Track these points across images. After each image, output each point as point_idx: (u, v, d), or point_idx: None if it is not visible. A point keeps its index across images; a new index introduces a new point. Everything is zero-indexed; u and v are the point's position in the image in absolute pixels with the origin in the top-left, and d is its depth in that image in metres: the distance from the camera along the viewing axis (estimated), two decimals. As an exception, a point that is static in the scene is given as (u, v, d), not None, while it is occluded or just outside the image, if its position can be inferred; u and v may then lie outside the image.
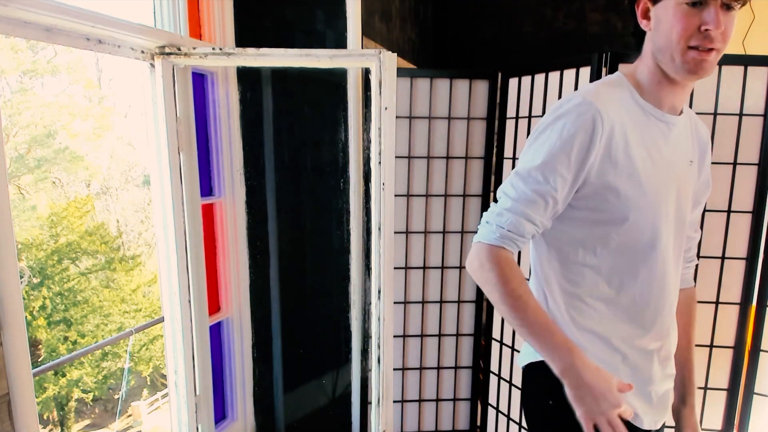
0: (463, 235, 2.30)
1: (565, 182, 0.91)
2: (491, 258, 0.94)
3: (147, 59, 1.49)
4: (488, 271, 0.94)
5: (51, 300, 11.45)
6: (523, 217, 0.93)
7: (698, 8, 0.86)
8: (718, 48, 0.88)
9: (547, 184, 0.91)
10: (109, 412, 12.81)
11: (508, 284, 0.92)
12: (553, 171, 0.91)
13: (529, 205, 0.92)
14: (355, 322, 2.06)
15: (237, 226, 1.93)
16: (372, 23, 2.46)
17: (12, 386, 1.07)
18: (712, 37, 0.86)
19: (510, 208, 0.94)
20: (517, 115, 2.17)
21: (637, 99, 0.97)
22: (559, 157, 0.90)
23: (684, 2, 0.87)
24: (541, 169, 0.91)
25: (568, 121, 0.91)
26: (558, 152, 0.90)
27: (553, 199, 0.92)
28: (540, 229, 0.95)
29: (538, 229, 0.95)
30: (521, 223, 0.93)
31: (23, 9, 1.06)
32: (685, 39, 0.87)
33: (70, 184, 15.11)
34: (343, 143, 1.96)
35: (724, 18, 0.86)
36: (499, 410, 2.36)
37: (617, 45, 3.59)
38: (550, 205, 0.93)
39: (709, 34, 0.86)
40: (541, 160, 0.92)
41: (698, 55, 0.87)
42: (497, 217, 0.95)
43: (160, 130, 1.53)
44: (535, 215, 0.93)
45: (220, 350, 1.98)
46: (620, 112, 0.93)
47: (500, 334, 2.33)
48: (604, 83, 0.99)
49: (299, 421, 2.11)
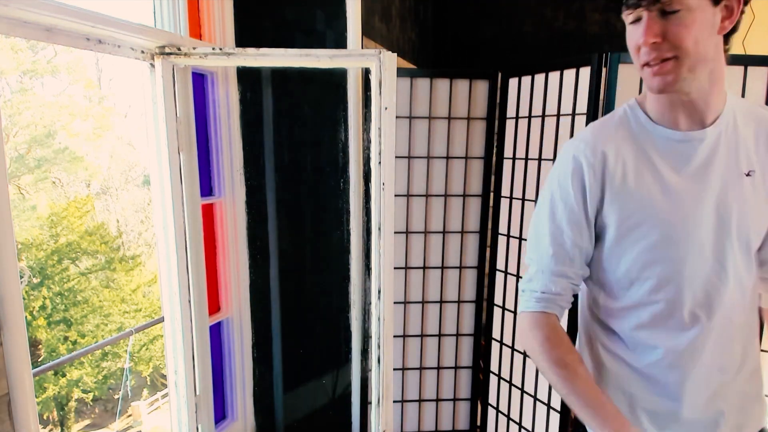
0: (463, 235, 2.30)
1: (579, 227, 0.90)
2: (533, 325, 0.91)
3: (147, 59, 1.48)
4: (532, 339, 0.91)
5: (51, 300, 11.45)
6: (554, 275, 0.91)
7: (636, 24, 0.82)
8: (674, 55, 0.80)
9: (563, 234, 0.90)
10: (109, 412, 12.81)
11: (554, 351, 0.88)
12: (562, 219, 0.90)
13: (555, 262, 0.90)
14: (355, 322, 2.06)
15: (237, 226, 1.93)
16: (372, 23, 2.46)
17: (12, 386, 1.07)
18: (650, 51, 0.80)
19: (538, 271, 0.92)
20: (517, 115, 2.17)
21: (645, 125, 0.90)
22: (560, 204, 0.90)
23: (628, 23, 0.84)
24: (551, 222, 0.91)
25: (557, 170, 0.92)
26: (558, 200, 0.90)
27: (577, 247, 0.90)
28: (576, 281, 0.93)
29: (574, 282, 0.93)
30: (554, 282, 0.91)
31: (23, 9, 1.06)
32: (637, 59, 0.84)
33: (70, 184, 15.10)
34: (343, 143, 1.96)
35: (665, 24, 0.79)
36: (499, 410, 2.36)
37: (617, 45, 3.57)
38: (576, 253, 0.91)
39: (647, 49, 0.80)
40: (548, 213, 0.91)
41: (651, 71, 0.82)
42: (529, 283, 0.94)
43: (160, 130, 1.53)
44: (565, 269, 0.90)
45: (220, 350, 1.98)
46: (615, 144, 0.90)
47: (500, 334, 2.33)
48: (604, 119, 0.96)
49: (299, 421, 2.11)
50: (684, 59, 0.80)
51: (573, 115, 1.92)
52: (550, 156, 2.02)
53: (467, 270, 2.33)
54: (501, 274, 2.31)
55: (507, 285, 2.28)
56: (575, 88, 1.90)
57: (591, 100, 1.84)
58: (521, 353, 2.22)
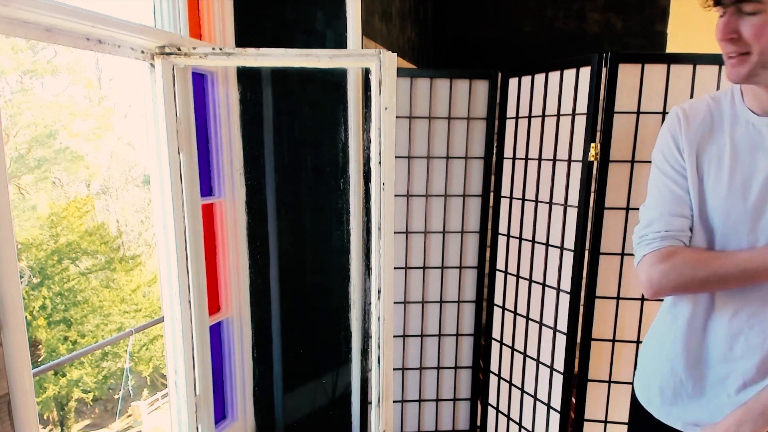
0: (463, 235, 2.30)
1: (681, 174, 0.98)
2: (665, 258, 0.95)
3: (147, 59, 1.48)
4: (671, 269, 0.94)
5: (51, 300, 11.45)
6: (672, 216, 0.97)
7: (720, 20, 0.88)
8: (747, 51, 0.86)
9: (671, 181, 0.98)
10: (109, 412, 12.81)
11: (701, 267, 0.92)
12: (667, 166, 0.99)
13: (672, 203, 0.98)
14: (355, 322, 2.06)
15: (237, 226, 1.93)
16: (372, 23, 2.46)
17: (12, 386, 1.07)
18: (727, 45, 0.88)
19: (656, 216, 0.99)
20: (517, 115, 2.17)
21: (738, 104, 0.97)
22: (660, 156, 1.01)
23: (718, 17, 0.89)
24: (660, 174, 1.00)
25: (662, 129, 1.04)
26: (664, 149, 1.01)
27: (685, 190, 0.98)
28: (690, 219, 0.98)
29: (690, 219, 0.98)
30: (675, 221, 0.97)
31: (23, 9, 1.06)
32: (722, 49, 0.90)
33: (70, 184, 15.10)
34: (343, 143, 1.96)
35: (742, 23, 0.85)
36: (499, 410, 2.36)
37: (617, 45, 3.59)
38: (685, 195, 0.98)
39: (725, 43, 0.88)
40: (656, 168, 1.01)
41: (729, 63, 0.90)
42: (647, 228, 1.00)
43: (160, 130, 1.53)
44: (680, 209, 0.97)
45: (220, 350, 1.98)
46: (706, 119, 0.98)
47: (500, 334, 2.33)
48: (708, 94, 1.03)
49: (299, 421, 2.11)
50: (755, 56, 0.87)
51: (573, 115, 1.92)
52: (550, 156, 2.02)
53: (467, 270, 2.33)
54: (501, 274, 2.31)
55: (507, 285, 2.28)
56: (575, 88, 1.90)
57: (591, 100, 1.84)
58: (521, 353, 2.22)
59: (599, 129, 1.85)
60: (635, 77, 1.80)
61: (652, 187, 1.04)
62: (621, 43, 3.59)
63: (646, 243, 0.99)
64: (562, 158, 1.98)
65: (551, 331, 2.06)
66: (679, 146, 0.99)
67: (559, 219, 1.99)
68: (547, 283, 2.07)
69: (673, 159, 1.00)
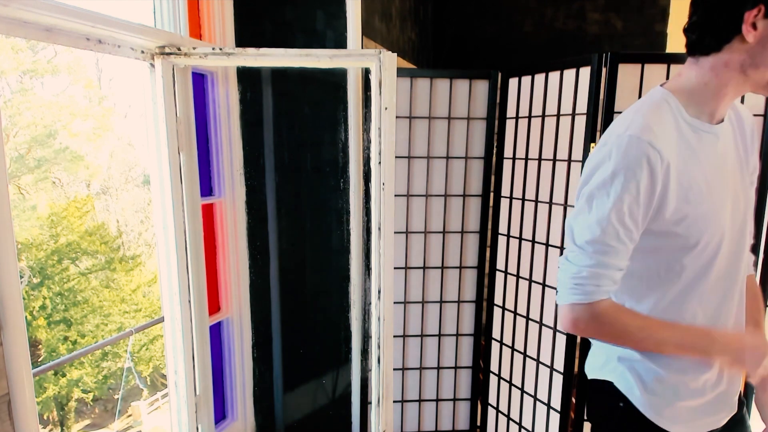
0: (463, 235, 2.30)
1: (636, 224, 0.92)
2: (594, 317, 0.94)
3: (147, 59, 1.48)
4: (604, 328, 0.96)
5: (51, 300, 11.45)
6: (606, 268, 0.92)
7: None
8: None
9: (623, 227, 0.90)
10: (109, 412, 12.81)
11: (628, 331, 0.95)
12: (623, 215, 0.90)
13: (608, 255, 0.92)
14: (355, 322, 2.06)
15: (237, 226, 1.93)
16: (372, 23, 2.46)
17: (12, 386, 1.07)
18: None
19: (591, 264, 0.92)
20: (517, 115, 2.18)
21: (684, 117, 0.93)
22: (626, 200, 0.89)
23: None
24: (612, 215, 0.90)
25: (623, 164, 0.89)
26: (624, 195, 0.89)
27: (632, 241, 0.93)
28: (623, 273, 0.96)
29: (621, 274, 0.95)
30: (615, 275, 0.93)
31: (23, 9, 1.06)
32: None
33: (70, 184, 15.10)
34: (343, 143, 1.96)
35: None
36: (499, 410, 2.36)
37: (617, 45, 3.59)
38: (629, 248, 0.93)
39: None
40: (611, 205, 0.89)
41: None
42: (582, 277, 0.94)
43: (160, 130, 1.53)
44: (617, 261, 0.93)
45: (220, 350, 1.98)
46: (672, 139, 0.91)
47: (500, 334, 2.33)
48: (650, 109, 0.93)
49: (299, 421, 2.11)
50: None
51: (573, 115, 1.92)
52: (550, 156, 2.02)
53: (467, 270, 2.33)
54: (501, 274, 2.31)
55: (507, 285, 2.28)
56: (575, 88, 1.90)
57: (591, 100, 1.84)
58: (521, 353, 2.22)
59: (599, 129, 1.85)
60: (635, 77, 1.80)
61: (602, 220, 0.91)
62: (621, 43, 3.59)
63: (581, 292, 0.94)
64: (562, 158, 1.98)
65: (551, 331, 2.06)
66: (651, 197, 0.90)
67: (559, 219, 1.99)
68: (547, 283, 2.07)
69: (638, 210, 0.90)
